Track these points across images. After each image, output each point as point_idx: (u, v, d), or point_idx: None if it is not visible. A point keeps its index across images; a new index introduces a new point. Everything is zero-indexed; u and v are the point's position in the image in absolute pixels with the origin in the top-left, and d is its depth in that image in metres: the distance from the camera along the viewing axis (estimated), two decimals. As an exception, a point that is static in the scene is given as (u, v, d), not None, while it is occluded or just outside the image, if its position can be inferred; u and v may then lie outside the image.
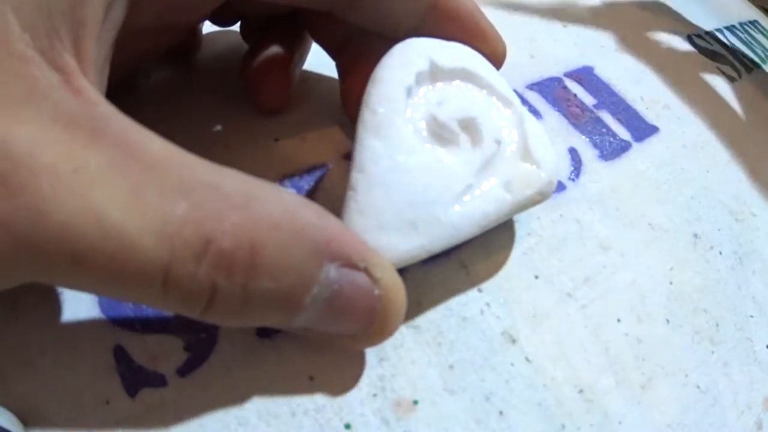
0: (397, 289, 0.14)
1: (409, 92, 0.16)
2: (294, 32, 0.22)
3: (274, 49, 0.21)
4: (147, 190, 0.12)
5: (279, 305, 0.13)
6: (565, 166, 0.22)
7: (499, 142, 0.17)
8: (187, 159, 0.13)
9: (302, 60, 0.23)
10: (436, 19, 0.18)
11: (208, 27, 0.24)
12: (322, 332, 0.14)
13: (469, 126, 0.17)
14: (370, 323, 0.14)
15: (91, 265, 0.12)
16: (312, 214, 0.13)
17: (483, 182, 0.16)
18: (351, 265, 0.13)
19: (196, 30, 0.23)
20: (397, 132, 0.16)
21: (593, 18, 0.29)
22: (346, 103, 0.21)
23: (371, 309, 0.14)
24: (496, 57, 0.19)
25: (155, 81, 0.22)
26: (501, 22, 0.27)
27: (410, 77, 0.16)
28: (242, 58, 0.21)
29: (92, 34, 0.13)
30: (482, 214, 0.16)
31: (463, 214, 0.15)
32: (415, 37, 0.18)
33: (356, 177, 0.15)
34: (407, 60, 0.17)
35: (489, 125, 0.17)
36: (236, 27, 0.23)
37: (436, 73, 0.17)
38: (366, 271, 0.14)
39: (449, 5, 0.18)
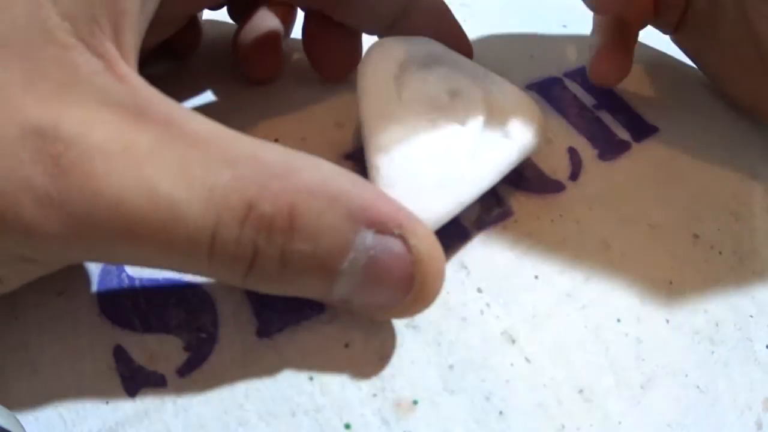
0: (433, 255, 0.14)
1: (396, 80, 0.18)
2: (280, 5, 0.23)
3: (265, 24, 0.22)
4: (193, 163, 0.12)
5: (316, 269, 0.13)
6: (565, 166, 0.22)
7: (486, 101, 0.18)
8: (228, 134, 0.13)
9: (290, 31, 0.24)
10: (412, 15, 0.20)
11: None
12: (361, 303, 0.15)
13: (457, 94, 0.18)
14: (407, 290, 0.14)
15: (143, 237, 0.12)
16: (348, 182, 0.14)
17: (487, 137, 0.18)
18: (387, 231, 0.14)
19: (196, 23, 0.23)
20: (399, 114, 0.17)
21: (593, 18, 0.29)
22: (306, 49, 0.22)
23: (408, 276, 0.14)
24: (463, 53, 0.21)
25: (153, 78, 0.22)
26: (501, 21, 0.27)
27: (394, 67, 0.18)
28: (234, 33, 0.22)
29: (132, 23, 0.14)
30: (496, 163, 0.17)
31: (481, 166, 0.17)
32: (391, 33, 0.20)
33: (377, 157, 0.17)
34: (387, 54, 0.19)
35: (473, 91, 0.18)
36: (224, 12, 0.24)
37: (413, 61, 0.19)
38: (401, 237, 0.14)
39: (420, 6, 0.20)
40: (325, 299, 0.15)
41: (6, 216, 0.12)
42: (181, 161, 0.12)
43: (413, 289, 0.14)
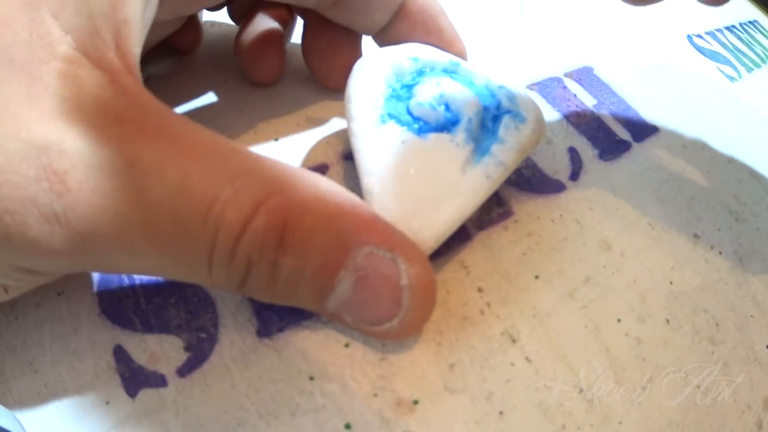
0: (423, 281, 0.14)
1: (383, 97, 0.18)
2: (281, 7, 0.23)
3: (267, 26, 0.22)
4: (195, 177, 0.13)
5: (306, 284, 0.14)
6: (565, 166, 0.22)
7: (478, 106, 0.18)
8: (230, 148, 0.13)
9: (291, 33, 0.24)
10: (405, 16, 0.20)
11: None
12: (352, 319, 0.15)
13: (446, 102, 0.18)
14: (394, 313, 0.14)
15: (146, 250, 0.12)
16: (345, 202, 0.14)
17: (480, 144, 0.17)
18: (378, 254, 0.14)
19: (196, 23, 0.23)
20: (388, 133, 0.17)
21: (593, 18, 0.29)
22: (305, 57, 0.22)
23: (396, 299, 0.14)
24: (457, 54, 0.20)
25: (153, 79, 0.22)
26: (500, 22, 0.27)
27: (381, 85, 0.18)
28: (235, 36, 0.22)
29: (134, 33, 0.14)
30: (492, 171, 0.17)
31: (476, 176, 0.17)
32: (383, 35, 0.21)
33: (369, 181, 0.16)
34: (373, 71, 0.18)
35: (462, 96, 0.18)
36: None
37: (400, 76, 0.18)
38: (393, 261, 0.14)
39: (415, 6, 0.20)
40: (318, 311, 0.15)
41: (11, 232, 0.12)
42: (183, 176, 0.12)
43: (400, 313, 0.14)
